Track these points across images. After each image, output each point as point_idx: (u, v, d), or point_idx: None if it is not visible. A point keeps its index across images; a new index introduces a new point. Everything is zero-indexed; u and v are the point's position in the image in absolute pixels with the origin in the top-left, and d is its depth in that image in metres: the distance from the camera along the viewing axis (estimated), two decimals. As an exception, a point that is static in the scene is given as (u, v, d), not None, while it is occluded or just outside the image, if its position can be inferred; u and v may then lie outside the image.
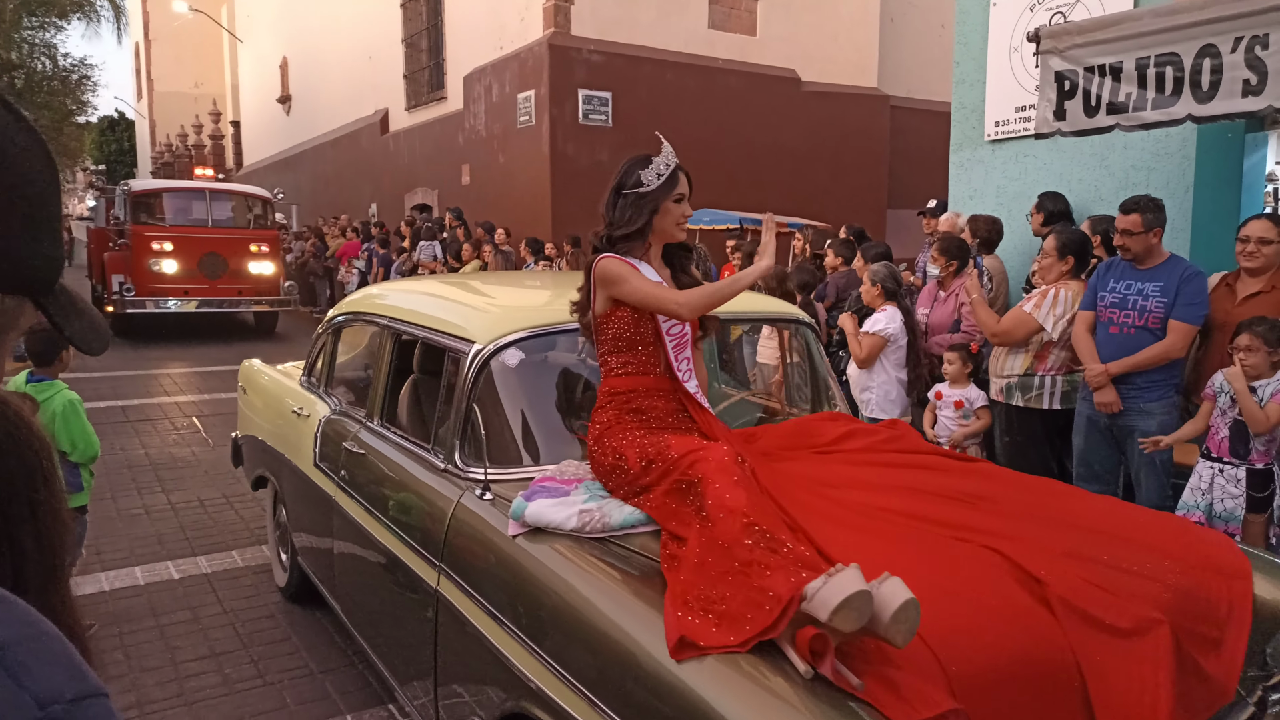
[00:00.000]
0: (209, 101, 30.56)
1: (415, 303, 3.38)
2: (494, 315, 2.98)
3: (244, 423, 4.84)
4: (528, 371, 2.81)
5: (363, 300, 3.88)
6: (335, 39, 20.27)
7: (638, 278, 2.41)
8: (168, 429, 7.76)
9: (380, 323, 3.44)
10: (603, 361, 2.49)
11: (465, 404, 2.64)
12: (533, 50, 12.80)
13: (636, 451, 2.26)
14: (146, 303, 12.63)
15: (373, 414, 3.28)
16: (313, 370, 4.09)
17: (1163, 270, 3.93)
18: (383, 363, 3.30)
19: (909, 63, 16.05)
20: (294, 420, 3.90)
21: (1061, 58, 4.46)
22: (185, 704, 3.31)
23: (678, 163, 2.53)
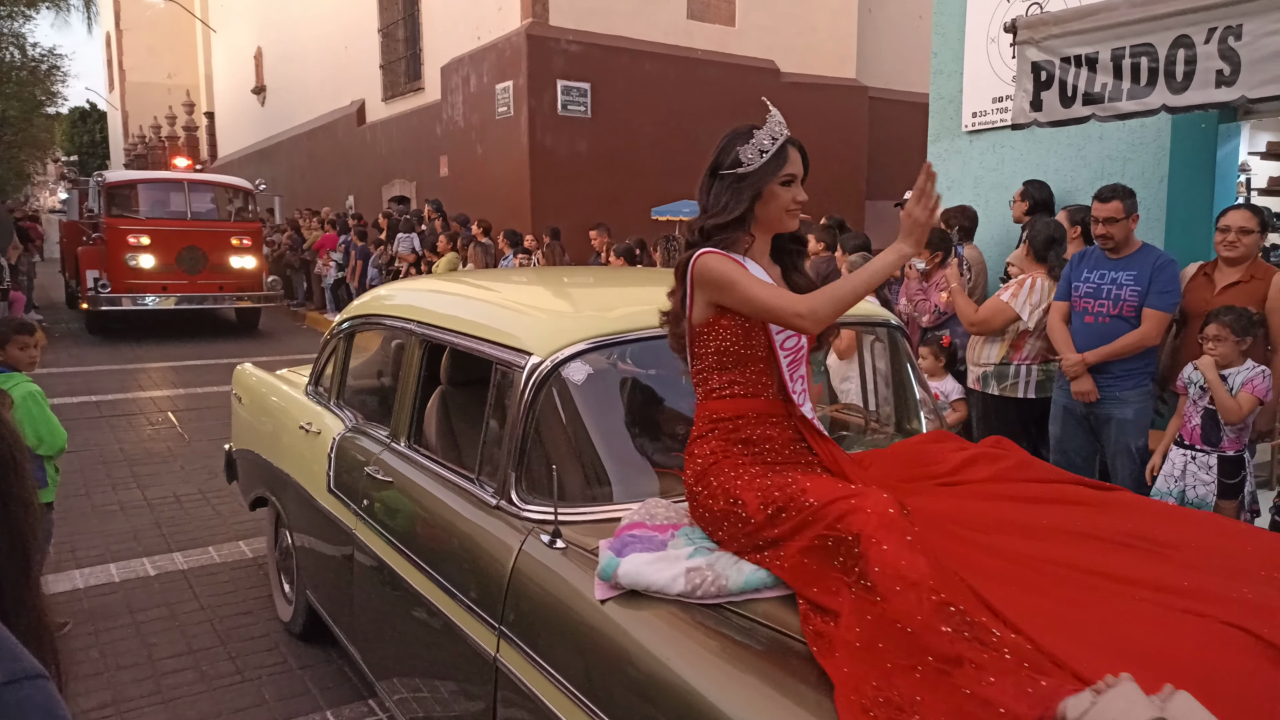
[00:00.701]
0: (182, 92, 30.17)
1: (451, 305, 2.95)
2: (553, 322, 2.54)
3: (239, 435, 4.39)
4: (597, 389, 2.41)
5: (383, 302, 3.42)
6: (310, 29, 20.05)
7: (749, 279, 1.98)
8: (143, 424, 7.67)
9: (406, 328, 2.97)
10: (700, 380, 2.08)
11: (522, 428, 2.23)
12: (511, 40, 12.72)
13: (758, 495, 1.85)
14: (123, 299, 12.10)
15: (398, 433, 2.86)
16: (320, 379, 3.66)
17: (1136, 259, 3.97)
18: (410, 374, 2.85)
19: (887, 54, 16.09)
20: (301, 437, 3.47)
21: (1038, 48, 4.48)
22: (162, 701, 3.28)
23: (788, 135, 2.09)
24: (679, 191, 12.32)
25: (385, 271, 12.12)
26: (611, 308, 2.70)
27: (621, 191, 12.74)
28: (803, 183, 2.10)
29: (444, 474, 2.56)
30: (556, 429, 2.31)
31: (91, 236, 13.04)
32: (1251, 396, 3.45)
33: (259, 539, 4.89)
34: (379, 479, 2.78)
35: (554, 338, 2.33)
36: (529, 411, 2.24)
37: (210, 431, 7.41)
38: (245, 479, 4.30)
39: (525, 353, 2.31)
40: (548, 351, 2.28)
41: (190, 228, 12.67)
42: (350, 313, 3.57)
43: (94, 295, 11.99)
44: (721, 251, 2.02)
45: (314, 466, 3.29)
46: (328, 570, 3.25)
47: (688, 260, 2.05)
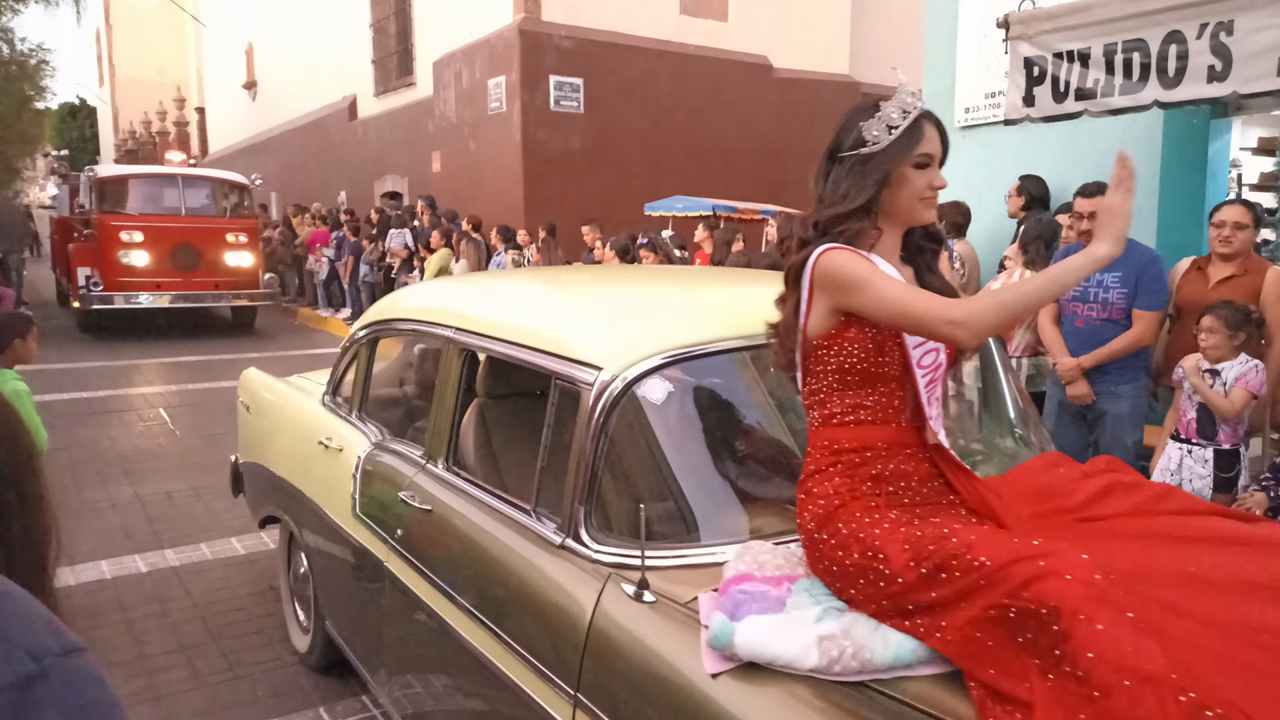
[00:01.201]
0: (173, 88, 30.02)
1: (497, 310, 2.65)
2: (624, 331, 2.21)
3: (247, 446, 4.08)
4: (678, 408, 2.11)
5: (413, 305, 3.09)
6: (302, 24, 19.96)
7: (885, 279, 1.66)
8: (134, 420, 7.64)
9: (443, 335, 2.64)
10: (816, 403, 1.76)
11: (591, 456, 1.94)
12: (503, 36, 12.69)
13: (905, 547, 1.53)
14: (115, 298, 11.75)
15: (435, 454, 2.56)
16: (339, 389, 3.37)
17: (1121, 259, 3.96)
18: (448, 387, 2.55)
19: (880, 49, 16.09)
20: (320, 453, 3.15)
21: (1030, 44, 4.49)
22: (154, 698, 3.27)
23: (922, 108, 1.75)
24: (672, 187, 12.32)
25: (377, 268, 12.09)
26: (687, 313, 2.38)
27: (614, 187, 12.73)
28: (942, 165, 1.77)
29: (494, 504, 2.25)
30: (633, 456, 2.02)
31: (83, 233, 12.71)
32: (1245, 392, 3.47)
33: (251, 535, 4.88)
34: (416, 507, 2.47)
35: (627, 350, 2.02)
36: (599, 436, 1.94)
37: (202, 428, 7.38)
38: (254, 494, 4.01)
39: (593, 367, 2.00)
40: (620, 367, 1.97)
41: (185, 224, 12.36)
42: (374, 317, 3.24)
43: (85, 293, 11.68)
44: (848, 247, 1.70)
45: (335, 487, 2.99)
46: (353, 604, 2.93)
47: (805, 260, 1.72)
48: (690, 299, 2.70)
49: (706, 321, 2.20)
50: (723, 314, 2.25)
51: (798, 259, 1.76)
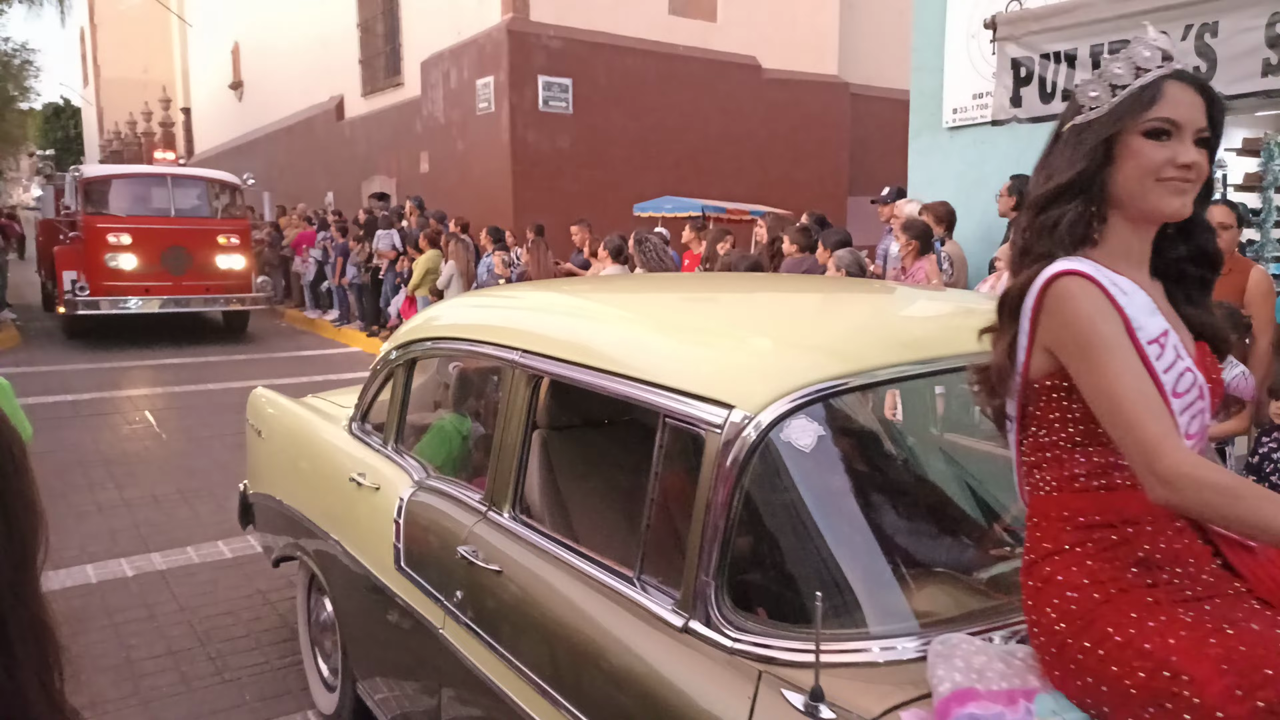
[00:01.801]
0: (158, 88, 29.85)
1: (580, 329, 2.22)
2: (757, 357, 1.80)
3: (259, 474, 3.66)
4: (832, 456, 1.73)
5: (462, 321, 2.69)
6: (288, 23, 19.88)
7: (1123, 356, 1.25)
8: (119, 423, 7.58)
9: (505, 357, 2.23)
10: (1044, 461, 1.37)
11: (723, 516, 1.54)
12: (491, 36, 12.66)
13: (1222, 667, 1.12)
14: (102, 303, 11.25)
15: (498, 499, 2.15)
16: (368, 415, 2.96)
17: None
18: (512, 420, 2.15)
19: (868, 50, 16.15)
20: (351, 491, 2.74)
21: (1018, 44, 4.51)
22: (141, 703, 3.24)
23: (1167, 68, 1.32)
24: (661, 187, 12.32)
25: (364, 269, 12.04)
26: (831, 333, 1.95)
27: (603, 187, 12.72)
28: (1209, 148, 1.33)
29: (583, 568, 1.82)
30: (776, 517, 1.64)
31: (69, 235, 12.21)
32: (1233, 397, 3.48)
33: (238, 539, 4.85)
34: (481, 565, 2.05)
35: (763, 382, 1.62)
36: (733, 492, 1.53)
37: (188, 431, 7.34)
38: (267, 530, 3.58)
39: (720, 405, 1.60)
40: (757, 404, 1.56)
41: (174, 226, 11.92)
42: (413, 334, 2.82)
43: (71, 298, 11.22)
44: (1091, 276, 1.27)
45: (372, 532, 2.59)
46: (396, 671, 2.55)
47: (1027, 284, 1.33)
48: (829, 314, 2.20)
49: (860, 343, 1.75)
50: (878, 333, 1.81)
51: (1016, 284, 1.36)
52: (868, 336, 1.87)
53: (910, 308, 2.34)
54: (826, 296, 2.65)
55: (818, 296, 2.66)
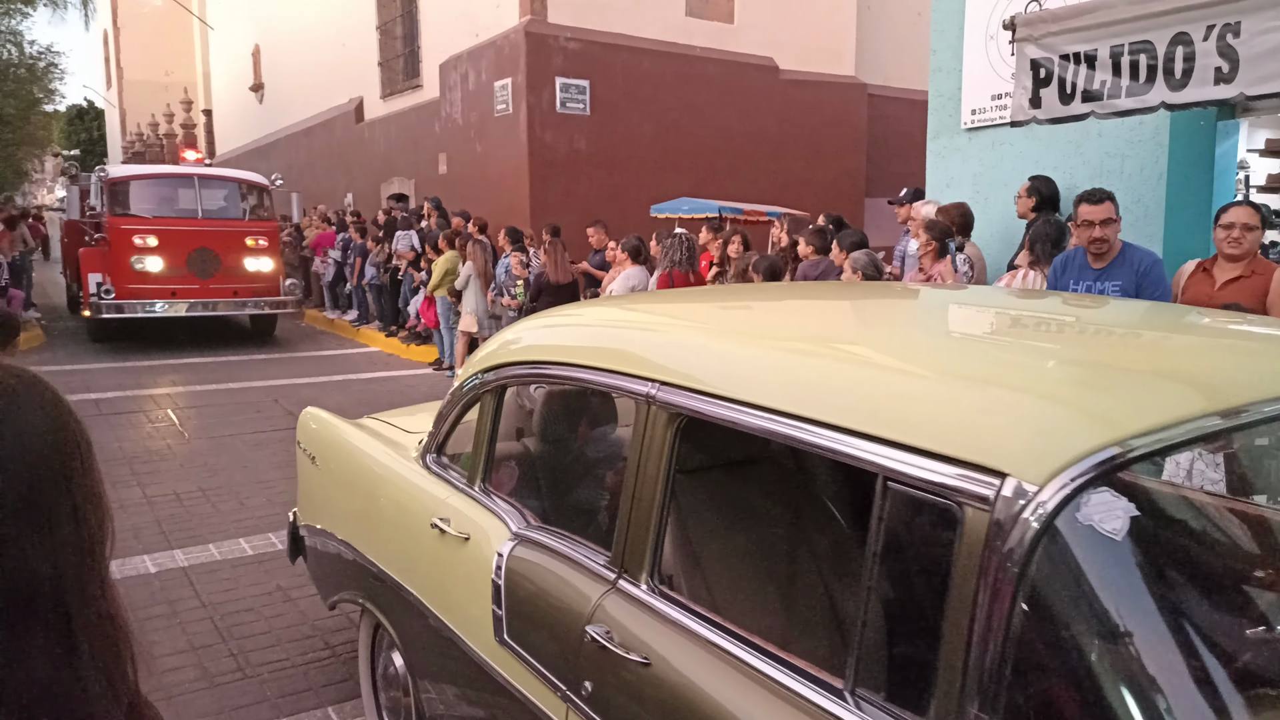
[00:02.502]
0: (180, 90, 30.12)
1: (749, 361, 1.71)
2: (1040, 406, 1.30)
3: (312, 506, 3.28)
4: (1152, 546, 1.31)
5: (574, 339, 2.23)
6: (308, 26, 20.03)
7: None
8: (142, 421, 7.67)
9: (635, 389, 1.81)
10: None
11: (1003, 627, 1.13)
12: (509, 38, 12.72)
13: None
14: (128, 306, 11.01)
15: (632, 565, 1.75)
16: (444, 447, 2.59)
17: (1117, 267, 3.97)
18: (649, 469, 1.74)
19: (886, 51, 16.09)
20: (432, 540, 2.35)
21: (1037, 45, 4.49)
22: (164, 698, 3.28)
23: None
24: (678, 188, 12.33)
25: (383, 270, 12.12)
26: (1124, 367, 1.46)
27: (620, 188, 12.75)
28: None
29: (766, 670, 1.42)
30: (1075, 628, 1.17)
31: (94, 237, 11.93)
32: None
33: (258, 536, 4.90)
34: (617, 653, 1.65)
35: (1054, 442, 1.18)
36: (1014, 595, 1.13)
37: (209, 429, 7.42)
38: (323, 570, 3.21)
39: (988, 472, 1.18)
40: (1043, 472, 1.14)
41: (202, 227, 11.63)
42: (504, 356, 2.37)
43: (97, 301, 10.99)
44: None
45: (462, 591, 2.22)
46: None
47: None
48: (1111, 343, 1.70)
49: (1183, 386, 1.33)
50: (1189, 368, 1.38)
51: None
52: (1179, 373, 1.36)
53: (1190, 336, 1.79)
54: (1088, 314, 2.06)
55: (1077, 317, 2.03)
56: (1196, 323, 1.94)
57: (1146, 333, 1.85)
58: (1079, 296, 3.40)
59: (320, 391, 9.03)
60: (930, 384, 1.45)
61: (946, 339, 1.92)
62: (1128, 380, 1.39)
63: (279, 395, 8.80)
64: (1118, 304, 2.25)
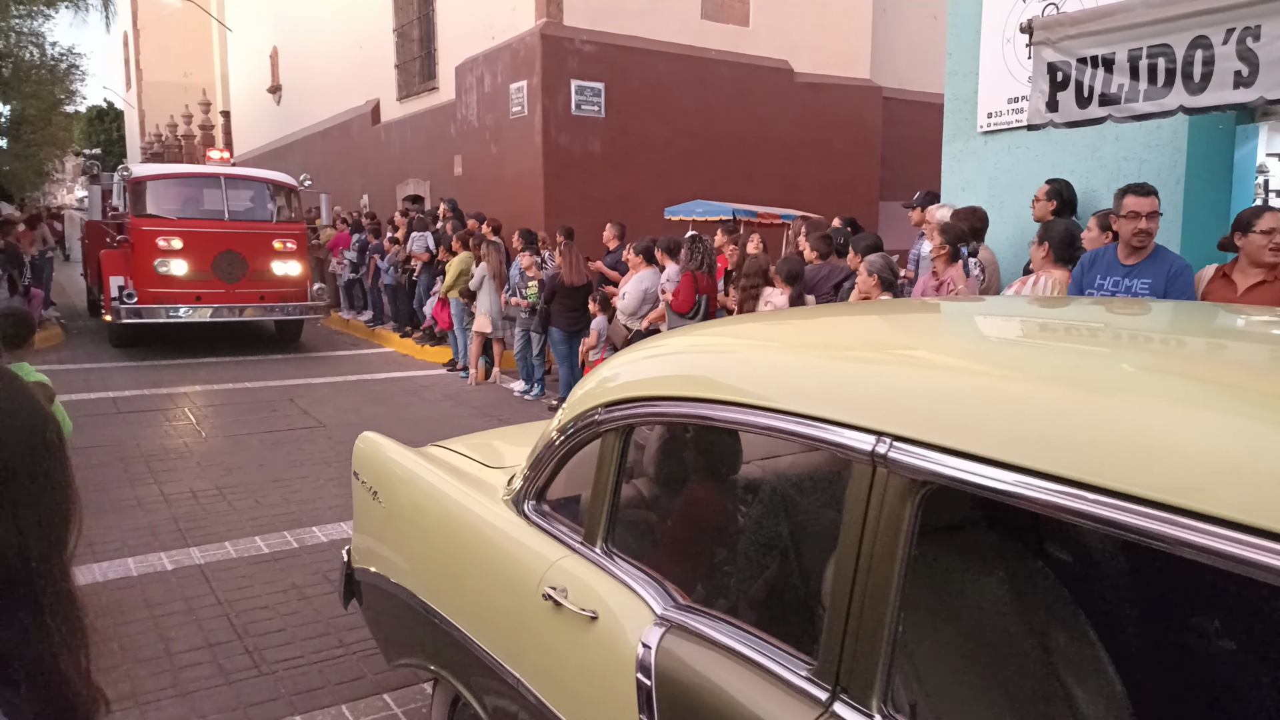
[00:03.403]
0: (198, 91, 30.38)
1: (1067, 410, 1.18)
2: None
3: (373, 548, 2.81)
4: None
5: (732, 371, 1.72)
6: (326, 29, 20.16)
7: None
8: (159, 420, 7.73)
9: (853, 445, 1.36)
10: None
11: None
12: (525, 40, 12.76)
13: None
14: (150, 311, 10.66)
15: (859, 683, 1.32)
16: (543, 493, 2.14)
17: (1149, 266, 3.95)
18: (875, 553, 1.31)
19: (902, 54, 16.05)
20: (544, 613, 1.90)
21: (1054, 49, 4.47)
22: (180, 694, 3.31)
23: None
24: (692, 191, 12.33)
25: (400, 270, 12.18)
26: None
27: (635, 191, 12.76)
28: None
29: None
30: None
31: (115, 238, 11.39)
32: None
33: (274, 534, 4.94)
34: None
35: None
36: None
37: (226, 428, 7.47)
38: (386, 625, 2.80)
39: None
40: None
41: (228, 229, 11.20)
42: (632, 389, 1.88)
43: (118, 306, 10.59)
44: None
45: (589, 686, 1.81)
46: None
47: None
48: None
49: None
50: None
51: None
52: None
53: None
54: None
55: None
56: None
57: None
58: None
59: (335, 391, 9.08)
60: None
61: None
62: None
63: (295, 395, 8.86)
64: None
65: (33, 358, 4.23)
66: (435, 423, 7.74)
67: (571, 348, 8.34)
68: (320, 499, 5.61)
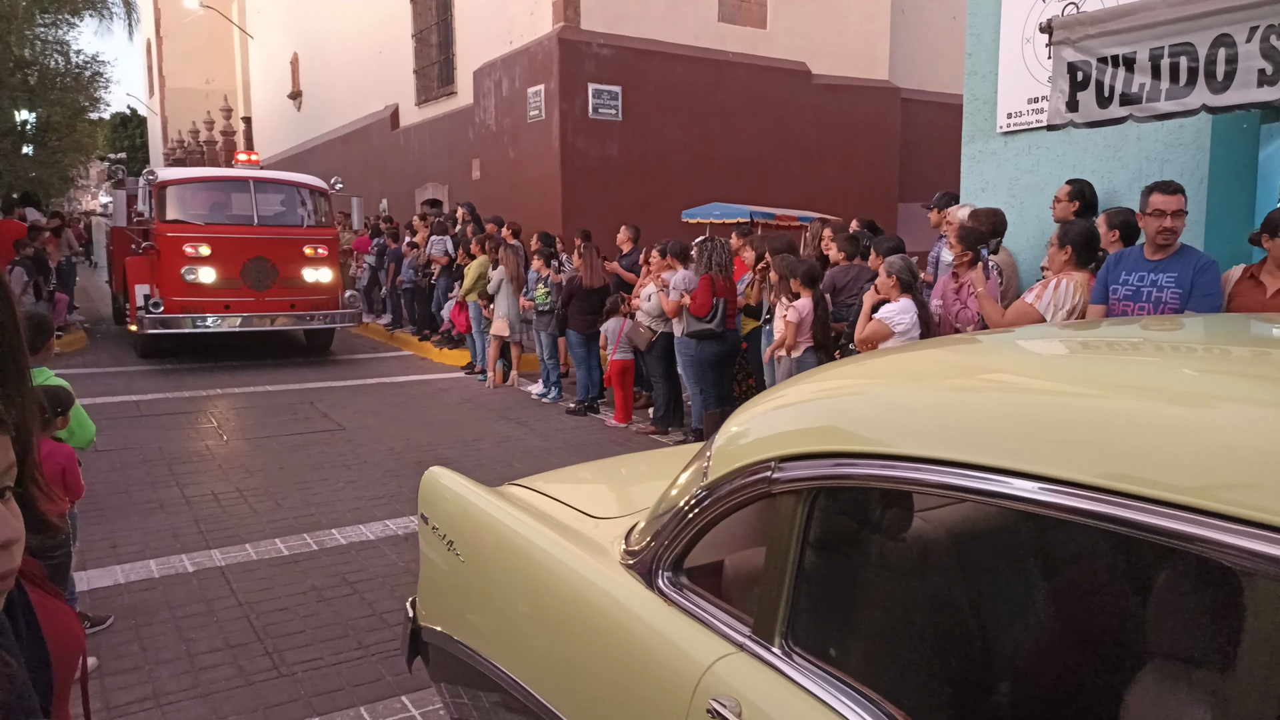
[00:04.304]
0: (220, 97, 30.68)
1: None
2: None
3: (446, 605, 2.44)
4: None
5: (1009, 422, 1.20)
6: (345, 35, 20.32)
7: None
8: (181, 423, 7.81)
9: (1257, 551, 0.88)
10: None
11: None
12: (542, 44, 12.80)
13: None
14: (178, 321, 10.23)
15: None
16: (682, 563, 1.71)
17: (1176, 261, 3.91)
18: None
19: (920, 55, 15.97)
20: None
21: (1074, 48, 4.43)
22: (201, 695, 3.34)
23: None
24: (709, 194, 12.32)
25: (421, 273, 12.24)
26: None
27: (652, 194, 12.77)
28: None
29: None
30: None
31: (141, 245, 11.04)
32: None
33: (294, 537, 4.97)
34: None
35: None
36: None
37: (246, 431, 7.53)
38: (465, 697, 2.38)
39: None
40: None
41: (257, 235, 10.71)
42: (836, 439, 1.42)
43: (144, 316, 10.16)
44: None
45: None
46: None
47: None
48: None
49: None
50: None
51: None
52: None
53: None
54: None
55: None
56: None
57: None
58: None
59: (355, 395, 9.14)
60: None
61: None
62: None
63: (314, 398, 8.91)
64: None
65: (57, 362, 4.28)
66: (454, 425, 7.77)
67: (589, 350, 8.35)
68: (339, 501, 5.64)
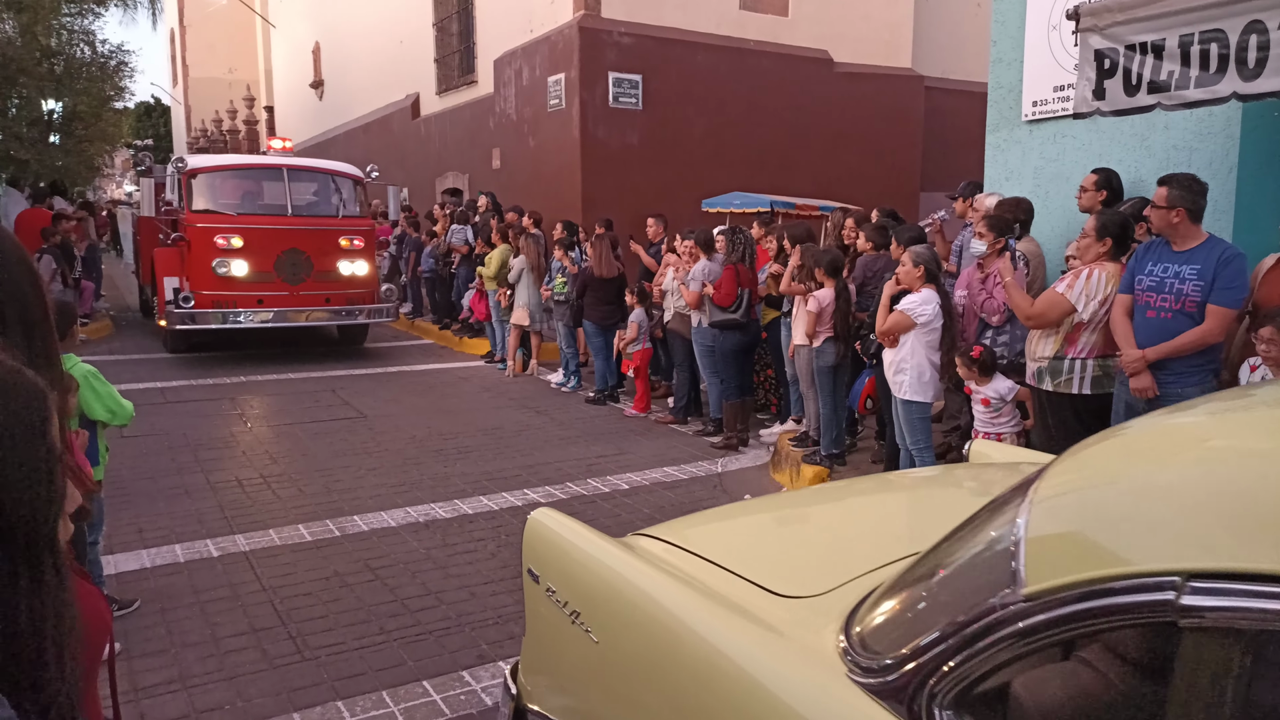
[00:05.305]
0: (243, 87, 30.85)
1: None
2: None
3: (564, 695, 2.11)
4: None
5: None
6: (366, 24, 20.37)
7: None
8: (206, 410, 7.89)
9: None
10: None
11: None
12: (563, 33, 12.77)
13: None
14: (208, 316, 9.73)
15: None
16: (968, 700, 1.26)
17: (1199, 253, 3.87)
18: None
19: (944, 43, 15.80)
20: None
21: (1101, 35, 4.37)
22: (226, 678, 3.39)
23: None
24: (730, 183, 12.27)
25: (441, 262, 12.28)
26: None
27: (672, 183, 12.73)
28: None
29: None
30: None
31: (170, 236, 10.46)
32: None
33: (316, 523, 5.02)
34: None
35: None
36: None
37: (270, 418, 7.61)
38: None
39: None
40: None
41: (292, 225, 10.19)
42: (1109, 565, 1.13)
43: (174, 311, 9.68)
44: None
45: None
46: None
47: None
48: None
49: None
50: None
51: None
52: None
53: None
54: None
55: None
56: None
57: None
58: None
59: (376, 383, 9.20)
60: None
61: None
62: None
63: (336, 385, 8.98)
64: None
65: (83, 349, 4.32)
66: (474, 414, 7.81)
67: (606, 340, 8.35)
68: (361, 488, 5.69)
